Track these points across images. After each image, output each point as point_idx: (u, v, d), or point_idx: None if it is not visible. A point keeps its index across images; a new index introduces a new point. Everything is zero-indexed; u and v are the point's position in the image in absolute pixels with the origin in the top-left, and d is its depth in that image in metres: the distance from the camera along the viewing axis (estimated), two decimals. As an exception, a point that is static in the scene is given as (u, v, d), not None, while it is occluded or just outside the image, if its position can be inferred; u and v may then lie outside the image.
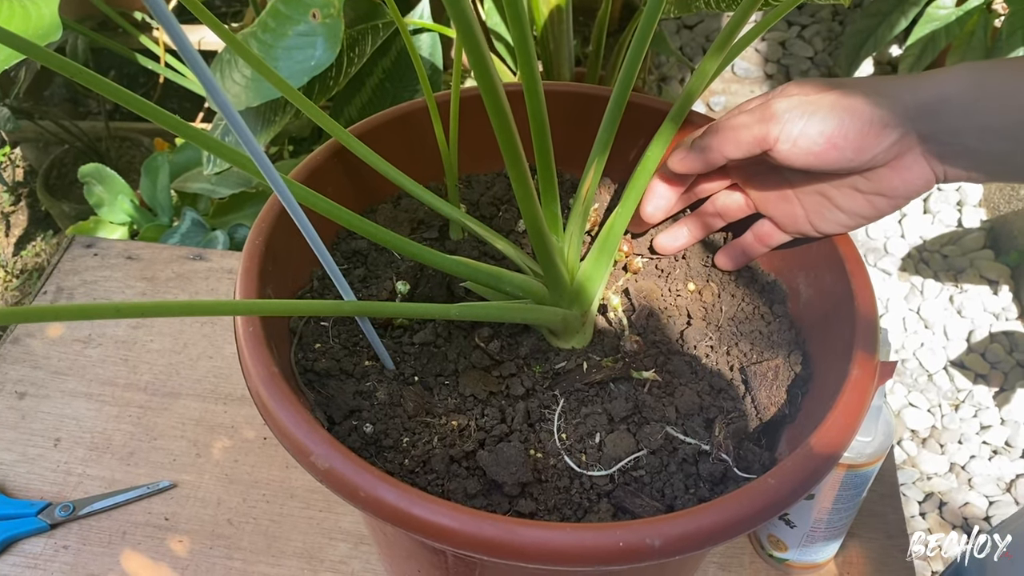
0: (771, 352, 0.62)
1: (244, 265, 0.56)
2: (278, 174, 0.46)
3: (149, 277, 0.98)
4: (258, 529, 0.78)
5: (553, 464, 0.55)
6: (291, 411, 0.48)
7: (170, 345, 0.92)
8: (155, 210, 1.47)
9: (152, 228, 1.40)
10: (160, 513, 0.79)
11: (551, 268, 0.57)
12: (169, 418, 0.86)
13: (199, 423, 0.86)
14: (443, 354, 0.61)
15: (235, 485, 0.81)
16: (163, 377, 0.89)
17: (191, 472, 0.82)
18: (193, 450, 0.84)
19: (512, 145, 0.45)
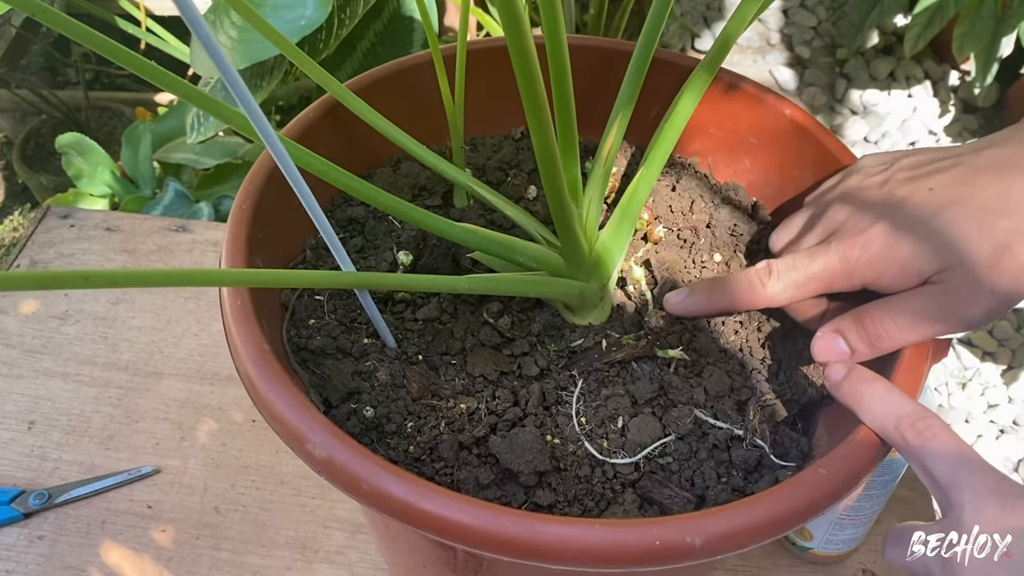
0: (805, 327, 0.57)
1: (230, 232, 0.50)
2: (272, 129, 0.40)
3: (129, 249, 0.92)
4: (247, 517, 0.73)
5: (572, 451, 0.50)
6: (285, 393, 0.43)
7: (152, 322, 0.86)
8: (137, 182, 1.41)
9: (134, 200, 1.34)
10: (142, 501, 0.74)
11: (569, 237, 0.52)
12: (151, 399, 0.81)
13: (184, 405, 0.80)
14: (449, 331, 0.56)
15: (222, 470, 0.76)
16: (145, 356, 0.84)
17: (175, 457, 0.77)
18: (177, 433, 0.79)
19: (533, 87, 0.40)
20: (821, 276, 0.51)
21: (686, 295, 0.54)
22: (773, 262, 0.52)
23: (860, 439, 0.44)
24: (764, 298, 0.52)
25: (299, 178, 0.41)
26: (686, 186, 0.64)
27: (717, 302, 0.53)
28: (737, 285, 0.52)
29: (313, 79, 0.55)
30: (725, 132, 0.65)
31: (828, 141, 0.59)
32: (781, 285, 0.51)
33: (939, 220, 0.47)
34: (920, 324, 0.48)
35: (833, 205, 0.53)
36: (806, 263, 0.51)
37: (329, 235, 0.44)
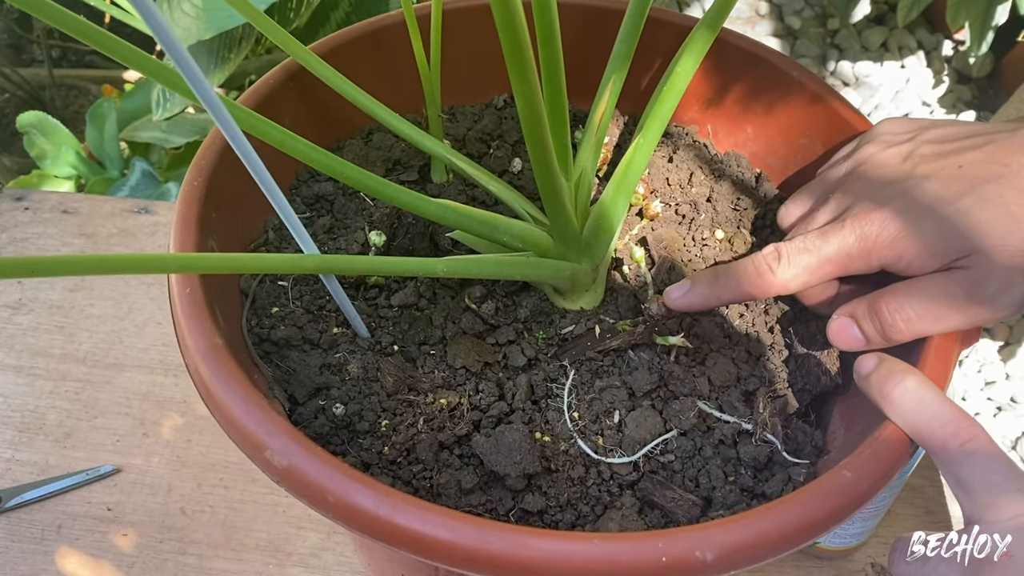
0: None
1: (179, 212, 0.45)
2: (215, 93, 0.35)
3: (88, 233, 0.87)
4: (215, 519, 0.68)
5: (564, 450, 0.45)
6: (239, 393, 0.38)
7: (112, 310, 0.81)
8: (103, 162, 1.34)
9: (99, 182, 1.27)
10: (102, 503, 0.69)
11: (559, 213, 0.47)
12: (112, 393, 0.75)
13: (146, 398, 0.75)
14: (427, 318, 0.51)
15: (188, 469, 0.71)
16: (104, 346, 0.78)
17: (137, 455, 0.72)
18: (140, 429, 0.73)
19: (518, 42, 0.34)
20: (836, 258, 0.46)
21: (688, 288, 0.48)
22: (782, 245, 0.47)
23: (887, 437, 0.39)
24: (775, 286, 0.47)
25: (248, 149, 0.36)
26: (684, 157, 0.59)
27: (722, 293, 0.48)
28: (743, 274, 0.47)
29: (276, 43, 0.50)
30: (725, 98, 0.60)
31: (839, 106, 0.54)
32: (793, 271, 0.46)
33: (968, 200, 0.42)
34: (942, 313, 0.43)
35: (849, 177, 0.48)
36: (819, 244, 0.46)
37: (287, 214, 0.39)
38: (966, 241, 0.42)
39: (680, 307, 0.48)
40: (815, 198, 0.50)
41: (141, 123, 1.30)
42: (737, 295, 0.47)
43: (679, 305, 0.48)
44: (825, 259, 0.46)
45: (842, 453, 0.46)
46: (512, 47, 0.35)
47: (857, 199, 0.46)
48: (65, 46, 1.88)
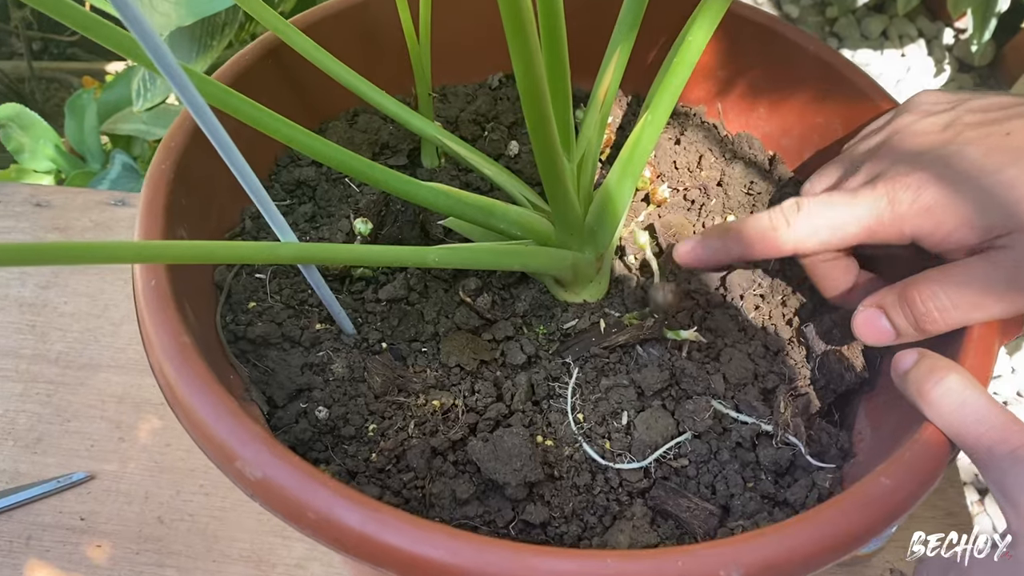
0: (839, 301, 0.48)
1: (145, 197, 0.41)
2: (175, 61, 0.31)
3: (62, 227, 0.82)
4: (195, 528, 0.64)
5: (569, 455, 0.41)
6: (209, 396, 0.34)
7: (87, 307, 0.77)
8: (84, 156, 1.30)
9: (79, 175, 1.23)
10: (74, 512, 0.65)
11: (560, 197, 0.43)
12: (86, 395, 0.71)
13: (122, 400, 0.71)
14: (418, 313, 0.47)
15: (167, 475, 0.67)
16: (79, 346, 0.74)
17: (113, 460, 0.68)
18: (115, 433, 0.69)
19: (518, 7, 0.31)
20: (863, 221, 0.41)
21: (696, 242, 0.45)
22: (802, 199, 0.43)
23: (927, 440, 0.35)
24: (789, 242, 0.42)
25: (214, 122, 0.32)
26: (692, 139, 0.56)
27: (733, 247, 0.44)
28: (756, 227, 0.43)
29: (252, 14, 0.46)
30: (736, 75, 0.56)
31: (860, 80, 0.50)
32: (811, 226, 0.42)
33: (1014, 171, 0.38)
34: (981, 300, 0.39)
35: (883, 147, 0.44)
36: (846, 201, 0.41)
37: (259, 195, 0.35)
38: (1010, 217, 0.38)
39: (688, 261, 0.45)
40: (843, 170, 0.46)
41: (122, 115, 1.25)
42: (749, 250, 0.43)
43: (687, 259, 0.45)
44: (851, 219, 0.41)
45: (870, 456, 0.42)
46: (512, 13, 0.31)
47: (891, 165, 0.42)
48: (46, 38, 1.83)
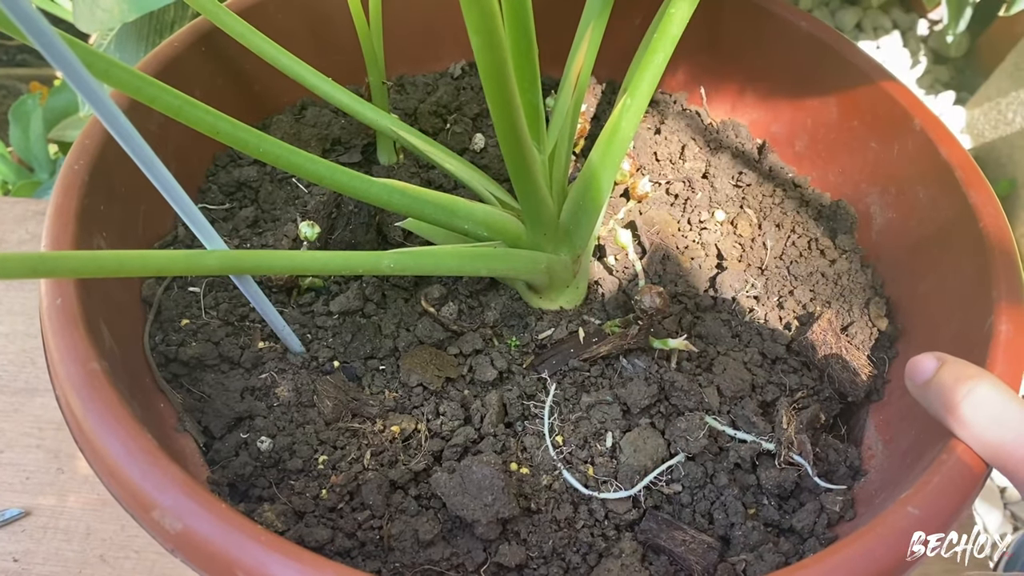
0: (841, 301, 0.44)
1: (55, 203, 0.36)
2: (61, 42, 0.26)
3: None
4: (142, 565, 0.59)
5: (547, 484, 0.37)
6: (120, 433, 0.29)
7: (23, 327, 0.71)
8: (31, 165, 1.23)
9: (25, 186, 1.17)
10: (7, 552, 0.59)
11: (531, 192, 0.38)
12: (21, 423, 0.65)
13: (62, 427, 0.65)
14: (375, 326, 0.42)
15: (110, 509, 0.61)
16: (13, 369, 0.68)
17: (50, 494, 0.62)
18: (53, 464, 0.64)
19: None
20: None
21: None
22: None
23: (957, 461, 0.31)
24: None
25: (121, 120, 0.27)
26: (673, 128, 0.51)
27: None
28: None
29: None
30: (720, 57, 0.51)
31: (858, 59, 0.46)
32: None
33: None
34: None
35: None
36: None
37: (177, 197, 0.30)
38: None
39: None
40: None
41: (70, 121, 1.19)
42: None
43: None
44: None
45: (884, 474, 0.37)
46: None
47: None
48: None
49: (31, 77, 1.62)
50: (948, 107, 1.75)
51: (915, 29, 1.94)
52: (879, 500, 0.35)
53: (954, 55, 1.90)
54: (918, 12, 1.96)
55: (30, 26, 0.24)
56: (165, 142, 0.41)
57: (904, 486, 0.31)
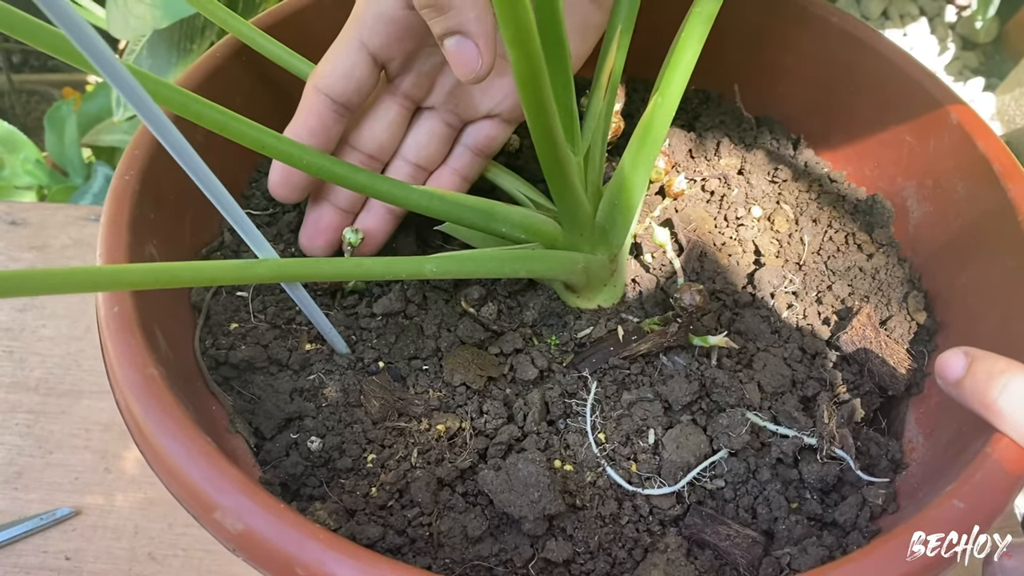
0: (879, 295, 0.44)
1: (108, 213, 0.37)
2: (119, 62, 0.27)
3: (39, 246, 0.78)
4: (189, 564, 0.60)
5: (591, 481, 0.37)
6: (180, 436, 0.30)
7: (68, 330, 0.72)
8: (66, 169, 1.26)
9: (61, 190, 1.19)
10: (59, 551, 0.61)
11: (567, 194, 0.39)
12: (68, 424, 0.67)
13: (108, 428, 0.67)
14: (417, 327, 0.43)
15: (157, 507, 0.63)
16: (59, 372, 0.70)
17: (99, 494, 0.63)
18: (101, 464, 0.65)
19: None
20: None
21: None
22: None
23: (1001, 455, 0.31)
24: None
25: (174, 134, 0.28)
26: (708, 124, 0.51)
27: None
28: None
29: (211, 18, 0.42)
30: (751, 52, 0.51)
31: (893, 53, 0.46)
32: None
33: None
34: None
35: None
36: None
37: (230, 210, 0.31)
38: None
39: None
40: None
41: (104, 126, 1.21)
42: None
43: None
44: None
45: (926, 467, 0.38)
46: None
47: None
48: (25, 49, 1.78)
49: (63, 82, 1.65)
50: (978, 93, 1.73)
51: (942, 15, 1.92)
52: (922, 493, 0.35)
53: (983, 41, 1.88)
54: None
55: (97, 57, 0.25)
56: (209, 151, 0.42)
57: (948, 479, 0.32)
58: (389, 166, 0.44)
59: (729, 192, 0.48)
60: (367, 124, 0.42)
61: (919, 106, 0.44)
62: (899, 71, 0.45)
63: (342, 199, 0.43)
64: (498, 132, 0.44)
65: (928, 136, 0.44)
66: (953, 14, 1.93)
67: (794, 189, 0.49)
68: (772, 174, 0.49)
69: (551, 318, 0.44)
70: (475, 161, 0.45)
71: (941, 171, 0.43)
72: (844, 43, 0.47)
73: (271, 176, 0.41)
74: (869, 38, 0.46)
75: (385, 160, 0.44)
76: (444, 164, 0.45)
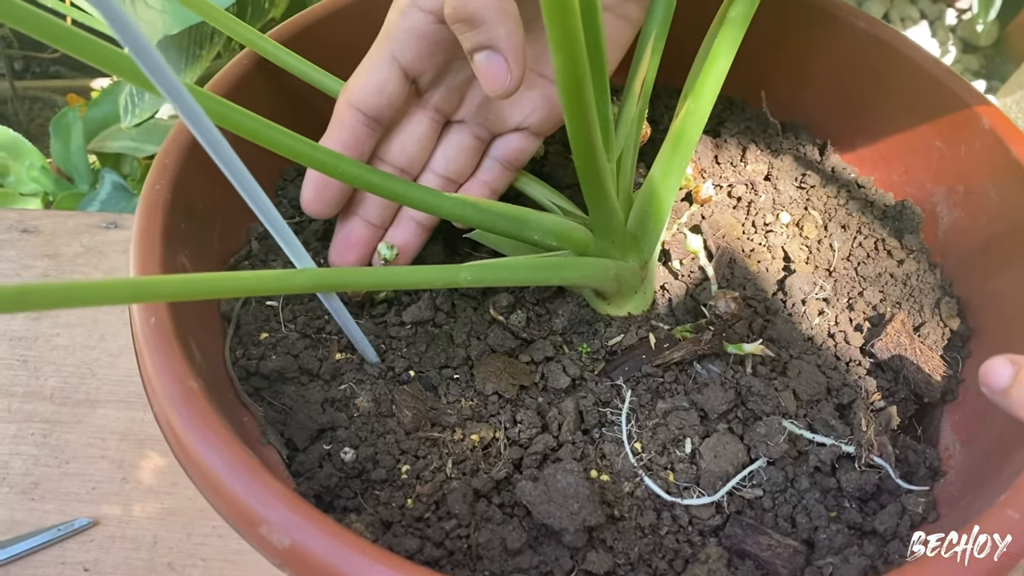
0: (911, 301, 0.44)
1: (140, 224, 0.37)
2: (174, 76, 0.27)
3: (52, 254, 0.77)
4: (209, 574, 0.60)
5: (629, 491, 0.37)
6: (224, 451, 0.30)
7: (82, 339, 0.72)
8: (71, 176, 1.25)
9: (68, 197, 1.18)
10: (77, 562, 0.60)
11: (601, 201, 0.38)
12: (84, 434, 0.67)
13: (124, 438, 0.66)
14: (447, 335, 0.43)
15: (175, 517, 0.62)
16: (75, 380, 0.69)
17: (116, 503, 0.63)
18: (118, 474, 0.65)
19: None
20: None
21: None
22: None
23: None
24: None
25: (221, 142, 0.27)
26: (733, 130, 0.51)
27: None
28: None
29: (230, 34, 0.42)
30: (777, 57, 0.51)
31: (920, 58, 0.46)
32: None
33: None
34: None
35: None
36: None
37: (273, 220, 0.30)
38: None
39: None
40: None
41: (110, 132, 1.20)
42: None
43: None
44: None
45: (965, 475, 0.38)
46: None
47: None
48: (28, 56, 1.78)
49: (66, 89, 1.64)
50: (981, 96, 1.73)
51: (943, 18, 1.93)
52: (964, 502, 0.35)
53: (984, 44, 1.88)
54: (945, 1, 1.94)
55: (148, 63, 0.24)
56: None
57: (995, 488, 0.32)
58: (418, 179, 0.44)
59: (756, 198, 0.48)
60: (397, 138, 0.42)
61: (950, 111, 0.44)
62: (929, 76, 0.45)
63: (372, 214, 0.43)
64: (527, 145, 0.44)
65: (959, 141, 0.43)
66: (953, 17, 1.94)
67: (822, 195, 0.48)
68: (799, 180, 0.49)
69: (581, 325, 0.44)
70: (504, 174, 0.44)
71: (973, 177, 0.43)
72: (872, 48, 0.47)
73: (305, 192, 0.41)
74: (899, 43, 0.46)
75: (415, 173, 0.43)
76: (473, 177, 0.44)
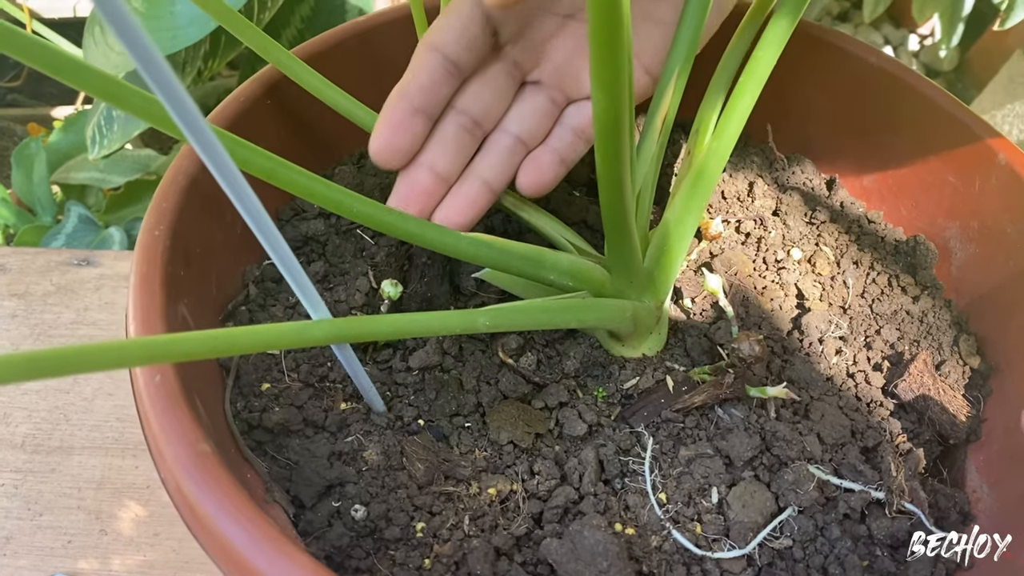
0: (929, 339, 0.43)
1: (139, 272, 0.34)
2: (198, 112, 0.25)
3: (20, 293, 0.74)
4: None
5: (657, 546, 0.35)
6: (246, 524, 0.28)
7: (55, 383, 0.69)
8: (34, 208, 1.21)
9: (31, 230, 1.14)
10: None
11: (623, 242, 0.37)
12: (59, 483, 0.63)
13: (101, 486, 0.63)
14: (456, 381, 0.41)
15: (157, 571, 0.59)
16: (47, 427, 0.66)
17: (94, 557, 0.60)
18: (95, 525, 0.61)
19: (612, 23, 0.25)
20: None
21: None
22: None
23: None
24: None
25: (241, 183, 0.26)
26: (739, 165, 0.50)
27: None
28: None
29: (253, 47, 0.40)
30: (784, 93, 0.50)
31: (932, 93, 0.45)
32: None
33: None
34: None
35: None
36: None
37: (292, 269, 0.28)
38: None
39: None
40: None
41: (75, 163, 1.17)
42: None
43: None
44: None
45: (996, 519, 0.37)
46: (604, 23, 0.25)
47: None
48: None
49: (25, 118, 1.60)
50: (945, 121, 1.76)
51: (906, 44, 1.96)
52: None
53: (946, 69, 1.92)
54: (908, 27, 1.98)
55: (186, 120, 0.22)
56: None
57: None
58: (490, 138, 0.41)
59: (766, 234, 0.47)
60: (474, 87, 0.40)
61: (962, 146, 0.43)
62: (942, 111, 0.44)
63: (441, 163, 0.40)
64: None
65: (973, 176, 0.43)
66: (916, 43, 1.98)
67: (833, 230, 0.48)
68: (809, 215, 0.48)
69: (594, 368, 0.42)
70: (576, 143, 0.42)
71: (988, 212, 0.42)
72: (882, 83, 0.46)
73: (374, 142, 0.38)
74: (910, 79, 0.46)
75: (488, 128, 0.41)
76: (544, 143, 0.42)
